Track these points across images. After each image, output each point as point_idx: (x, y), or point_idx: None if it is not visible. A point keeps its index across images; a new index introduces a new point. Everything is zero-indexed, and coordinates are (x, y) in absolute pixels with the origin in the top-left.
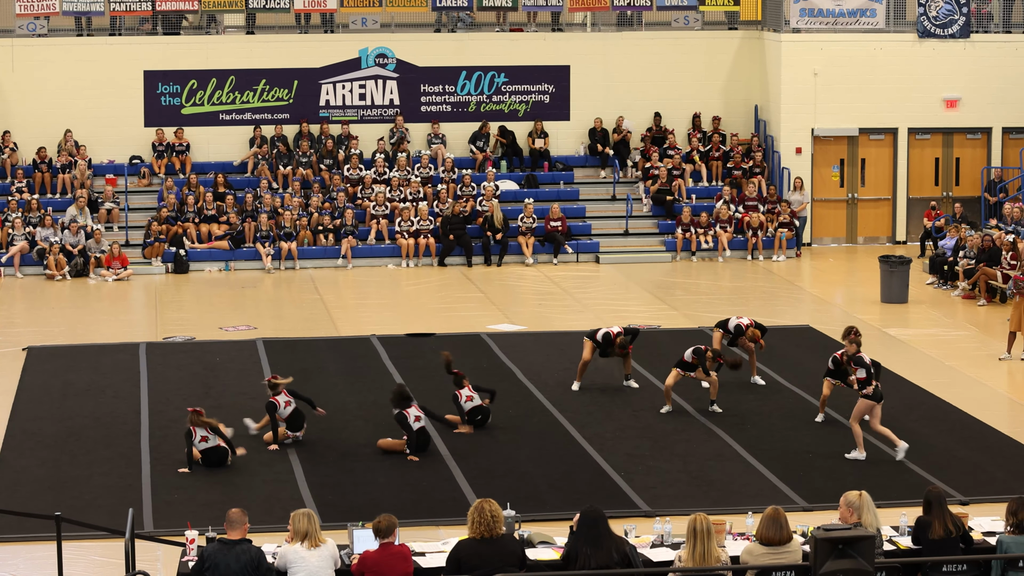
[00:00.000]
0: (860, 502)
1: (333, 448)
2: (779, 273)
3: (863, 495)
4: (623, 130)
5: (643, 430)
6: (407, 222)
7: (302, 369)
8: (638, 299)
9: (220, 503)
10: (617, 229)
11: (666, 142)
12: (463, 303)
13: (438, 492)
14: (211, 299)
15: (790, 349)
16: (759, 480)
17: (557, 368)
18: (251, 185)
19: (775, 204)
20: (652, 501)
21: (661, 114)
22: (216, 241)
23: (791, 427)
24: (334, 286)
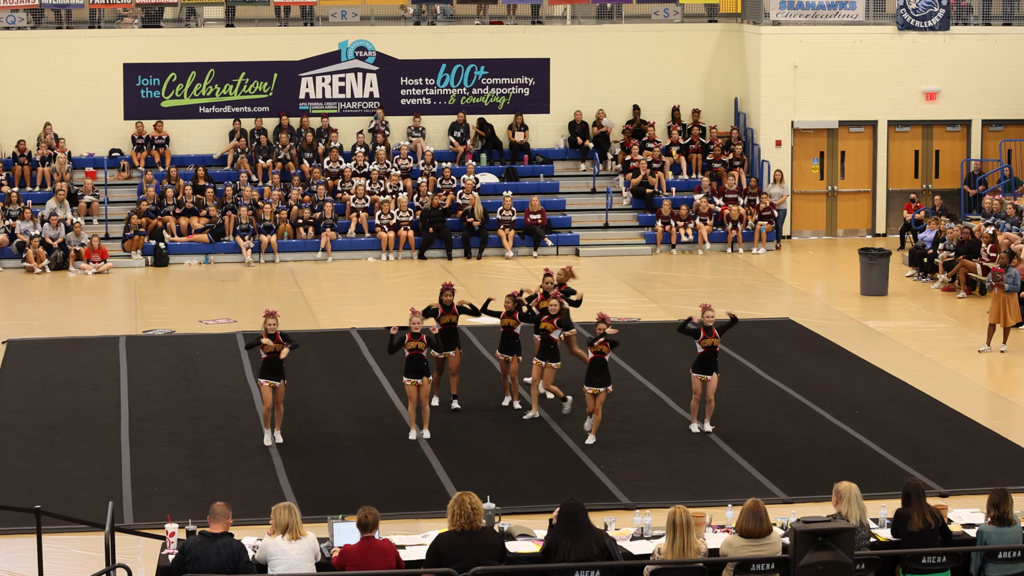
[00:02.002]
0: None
1: (314, 441)
2: (759, 266)
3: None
4: (603, 123)
5: (622, 422)
6: (387, 215)
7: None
8: (618, 292)
9: (200, 496)
10: (597, 222)
11: (646, 135)
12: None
13: (418, 485)
14: (191, 292)
15: (770, 341)
16: (739, 472)
17: None
18: (231, 178)
19: (755, 197)
20: (632, 494)
21: (641, 107)
22: (196, 234)
23: (771, 419)
24: (314, 279)
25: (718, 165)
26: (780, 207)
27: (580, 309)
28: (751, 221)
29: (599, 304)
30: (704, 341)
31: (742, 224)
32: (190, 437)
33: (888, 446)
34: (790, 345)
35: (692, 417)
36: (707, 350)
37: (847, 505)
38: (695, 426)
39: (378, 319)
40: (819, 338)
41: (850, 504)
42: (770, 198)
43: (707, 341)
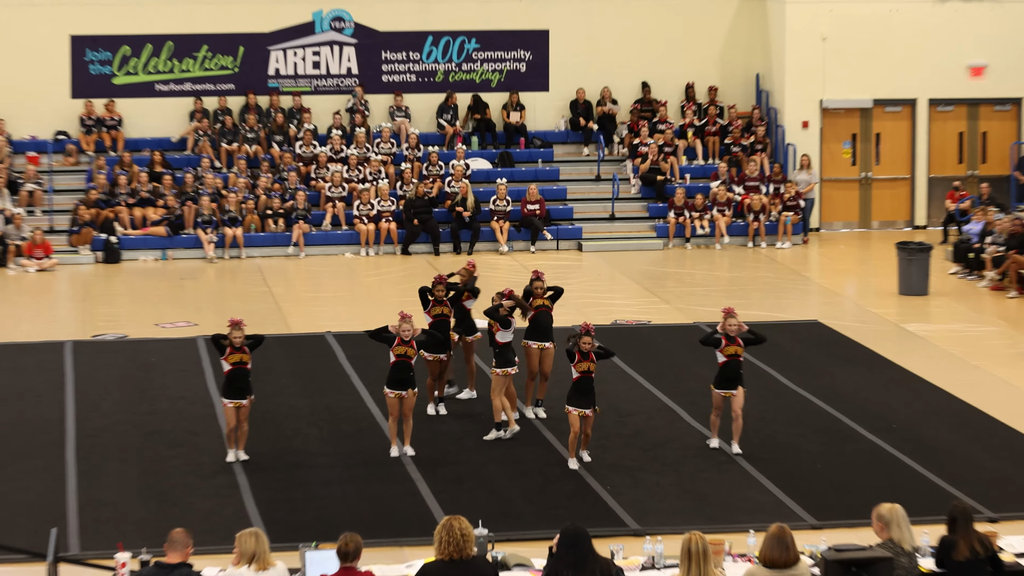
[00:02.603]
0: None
1: (283, 459)
2: (784, 262)
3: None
4: (608, 104)
5: (631, 437)
6: (366, 205)
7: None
8: (625, 291)
9: (155, 522)
10: (602, 213)
11: (656, 116)
12: None
13: (401, 508)
14: (146, 292)
15: (796, 347)
16: (762, 494)
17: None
18: (191, 164)
19: (779, 185)
20: (641, 518)
21: (651, 84)
22: (152, 227)
23: (798, 434)
24: (284, 277)
25: (737, 149)
26: (807, 196)
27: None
28: (775, 212)
29: (604, 306)
30: (726, 349)
31: (765, 215)
32: (144, 455)
33: (930, 464)
34: (819, 351)
35: (712, 432)
36: (729, 359)
37: (897, 530)
38: (714, 442)
39: (356, 321)
40: (851, 343)
41: (900, 528)
42: (796, 186)
43: (729, 349)
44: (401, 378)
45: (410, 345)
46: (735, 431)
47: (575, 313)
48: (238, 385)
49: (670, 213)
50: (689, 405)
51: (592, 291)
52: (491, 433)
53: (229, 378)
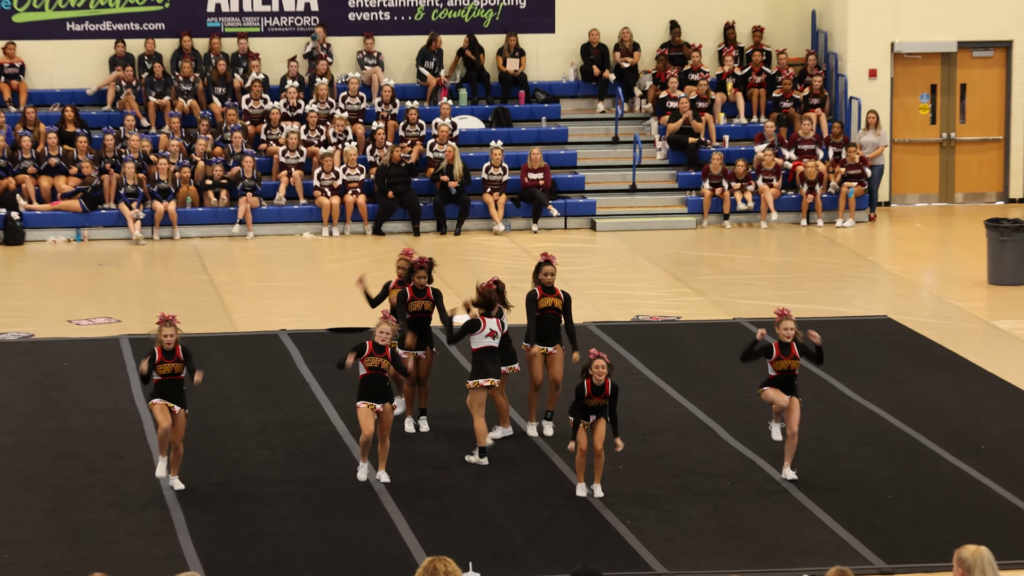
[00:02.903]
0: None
1: (227, 486)
2: (846, 244)
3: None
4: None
5: (655, 460)
6: (329, 174)
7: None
8: (649, 280)
9: (68, 564)
10: (621, 183)
11: (688, 63)
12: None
13: (372, 547)
14: (56, 281)
15: (862, 348)
16: (818, 531)
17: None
18: (112, 123)
19: (840, 149)
20: (670, 560)
21: (681, 24)
22: (63, 200)
23: (863, 457)
24: (228, 262)
25: (788, 104)
26: (875, 163)
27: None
28: (834, 182)
29: (623, 298)
30: (779, 363)
31: (822, 186)
32: (54, 483)
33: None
34: (889, 354)
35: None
36: (782, 374)
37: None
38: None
39: (316, 317)
40: (929, 344)
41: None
42: (861, 150)
43: (782, 363)
44: (375, 392)
45: (384, 355)
46: (787, 452)
47: (588, 307)
48: (169, 394)
49: (705, 184)
50: (728, 421)
51: (608, 280)
52: (473, 455)
53: (158, 386)
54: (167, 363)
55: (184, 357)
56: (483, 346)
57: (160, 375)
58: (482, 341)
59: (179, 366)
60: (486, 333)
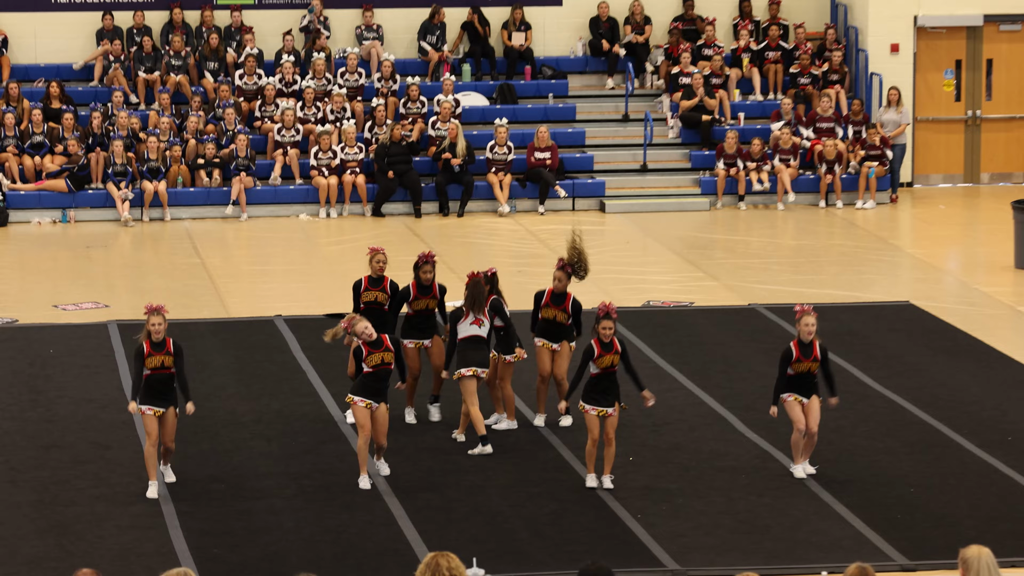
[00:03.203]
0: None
1: (220, 479)
2: (866, 226)
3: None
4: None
5: (667, 452)
6: (327, 153)
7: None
8: (661, 264)
9: (54, 559)
10: (631, 163)
11: (701, 37)
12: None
13: (372, 542)
14: (41, 264)
15: (883, 336)
16: (837, 526)
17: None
18: (99, 99)
19: (860, 127)
20: (683, 556)
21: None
22: (49, 180)
23: (884, 448)
24: (221, 245)
25: (806, 81)
26: (897, 141)
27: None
28: (854, 162)
29: (634, 282)
30: (799, 365)
31: (841, 166)
32: (39, 475)
33: None
34: (911, 341)
35: (794, 457)
36: (799, 376)
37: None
38: (798, 469)
39: (313, 303)
40: (954, 331)
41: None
42: (882, 129)
43: (802, 366)
44: (377, 387)
45: (386, 347)
46: (805, 449)
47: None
48: (158, 391)
49: (719, 163)
50: (743, 411)
51: (618, 264)
52: (476, 447)
53: (147, 383)
54: (156, 355)
55: (175, 354)
56: (468, 335)
57: (149, 368)
58: (467, 330)
59: (169, 359)
60: (470, 321)
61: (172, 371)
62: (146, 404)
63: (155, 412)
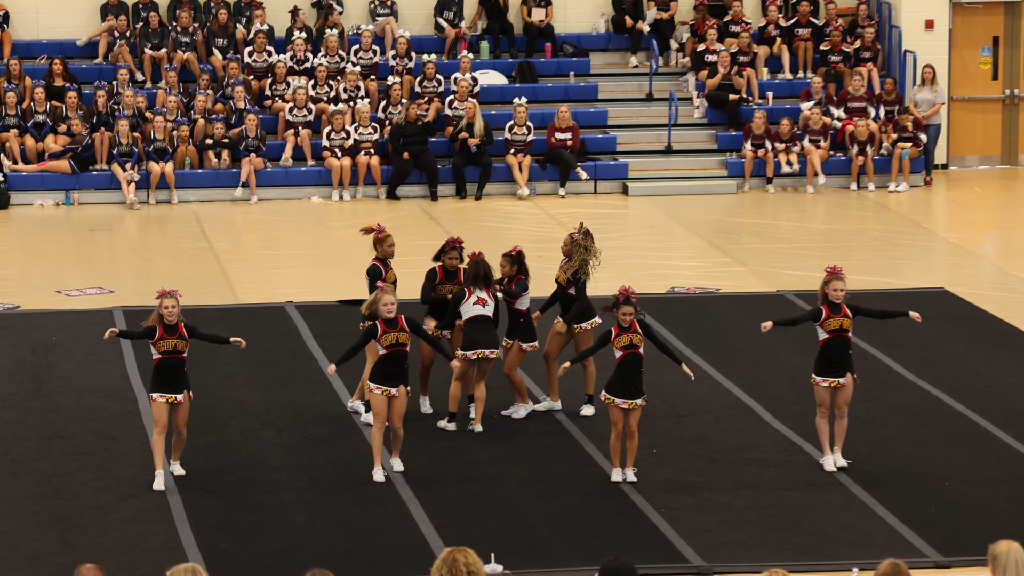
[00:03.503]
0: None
1: (230, 472)
2: (899, 210)
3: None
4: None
5: (692, 444)
6: (340, 133)
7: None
8: (686, 248)
9: (56, 555)
10: (655, 144)
11: (728, 13)
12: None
13: (386, 537)
14: (43, 248)
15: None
16: (869, 521)
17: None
18: (104, 77)
19: (893, 107)
20: (708, 552)
21: None
22: (52, 161)
23: (917, 440)
24: (230, 229)
25: (837, 59)
26: (931, 121)
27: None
28: (887, 143)
29: (658, 268)
30: (829, 322)
31: (874, 147)
32: (41, 467)
33: None
34: (946, 329)
35: (822, 447)
36: (833, 336)
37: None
38: (829, 461)
39: (325, 288)
40: (990, 318)
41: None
42: (916, 108)
43: (833, 322)
44: (393, 371)
45: (399, 328)
46: (838, 434)
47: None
48: (170, 377)
49: (746, 145)
50: (772, 402)
51: (642, 249)
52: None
53: (158, 369)
54: (168, 339)
55: (190, 331)
56: (472, 315)
57: (160, 353)
58: (470, 310)
59: (182, 343)
60: (472, 301)
61: (184, 356)
62: (157, 391)
63: (167, 399)
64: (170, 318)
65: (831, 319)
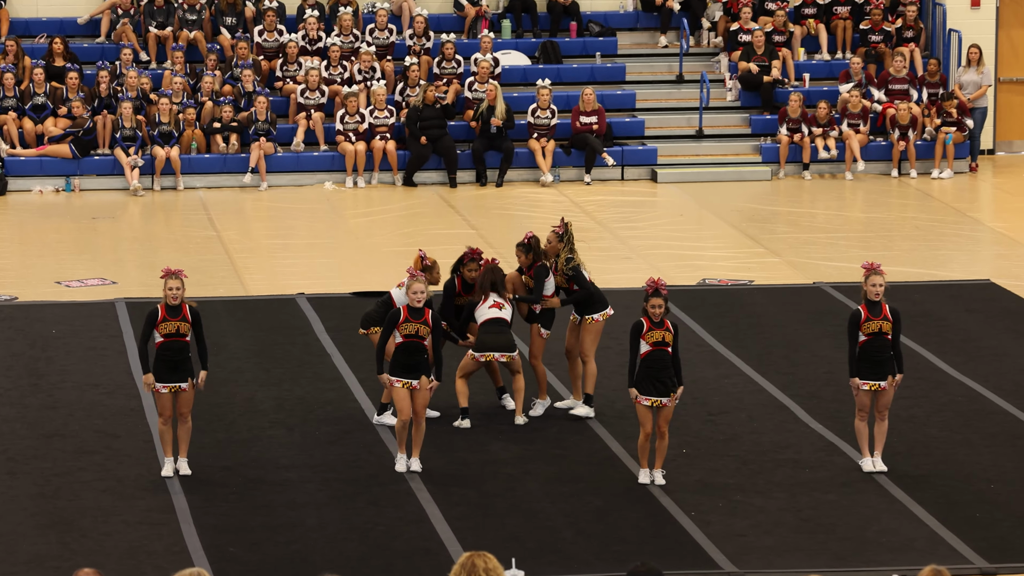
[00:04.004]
0: None
1: (238, 471)
2: (943, 198)
3: None
4: None
5: (724, 444)
6: (354, 117)
7: None
8: (717, 238)
9: (55, 559)
10: (686, 128)
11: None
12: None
13: (402, 541)
14: (43, 237)
15: (961, 317)
16: (909, 524)
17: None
18: (107, 57)
19: (937, 89)
20: (740, 557)
21: None
22: (51, 145)
23: (961, 440)
24: (239, 217)
25: (878, 38)
26: (977, 105)
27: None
28: (930, 127)
29: (688, 258)
30: (867, 325)
31: (916, 132)
32: (40, 466)
33: None
34: (992, 323)
35: (861, 449)
36: (872, 338)
37: None
38: (867, 463)
39: (339, 280)
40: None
41: None
42: (961, 91)
43: (871, 325)
44: (410, 363)
45: (423, 320)
46: (877, 438)
47: (647, 268)
48: (173, 362)
49: (781, 129)
50: (807, 400)
51: (671, 238)
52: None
53: (160, 354)
54: (172, 321)
55: (193, 322)
56: (488, 318)
57: (162, 335)
58: (486, 313)
59: (185, 326)
60: (489, 305)
61: (187, 339)
62: (160, 381)
63: (170, 389)
64: (174, 299)
65: (870, 321)
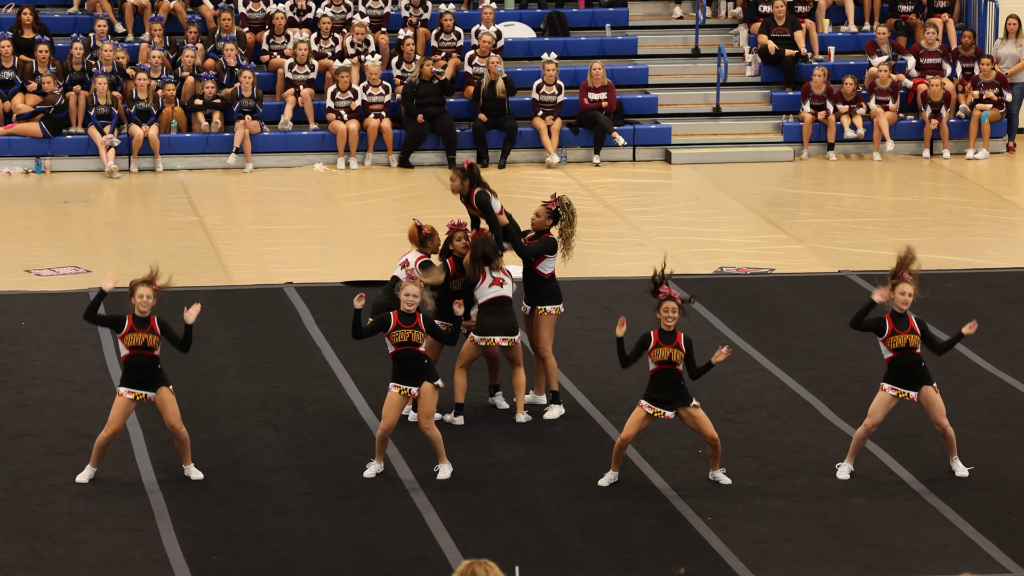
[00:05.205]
0: None
1: (220, 474)
2: (978, 180)
3: None
4: None
5: (744, 444)
6: (346, 93)
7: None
8: (736, 223)
9: (24, 568)
10: (702, 106)
11: None
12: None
13: (397, 548)
14: (11, 222)
15: (998, 308)
16: (943, 530)
17: (596, 337)
18: (80, 29)
19: (972, 63)
20: (759, 564)
21: None
22: (20, 123)
23: (997, 440)
24: (223, 200)
25: (908, 8)
26: (1015, 80)
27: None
28: (965, 104)
29: (704, 245)
30: (893, 340)
31: (949, 109)
32: (9, 468)
33: None
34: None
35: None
36: (900, 354)
37: None
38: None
39: (329, 268)
40: None
41: None
42: (999, 65)
43: (898, 340)
44: (409, 371)
45: (414, 324)
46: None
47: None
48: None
49: (805, 106)
50: (832, 396)
51: (686, 223)
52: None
53: (126, 368)
54: (138, 332)
55: (162, 331)
56: (489, 298)
57: (128, 347)
58: (486, 293)
59: (153, 339)
60: (489, 283)
61: (155, 353)
62: (125, 385)
63: (135, 396)
64: (142, 309)
65: (895, 336)
